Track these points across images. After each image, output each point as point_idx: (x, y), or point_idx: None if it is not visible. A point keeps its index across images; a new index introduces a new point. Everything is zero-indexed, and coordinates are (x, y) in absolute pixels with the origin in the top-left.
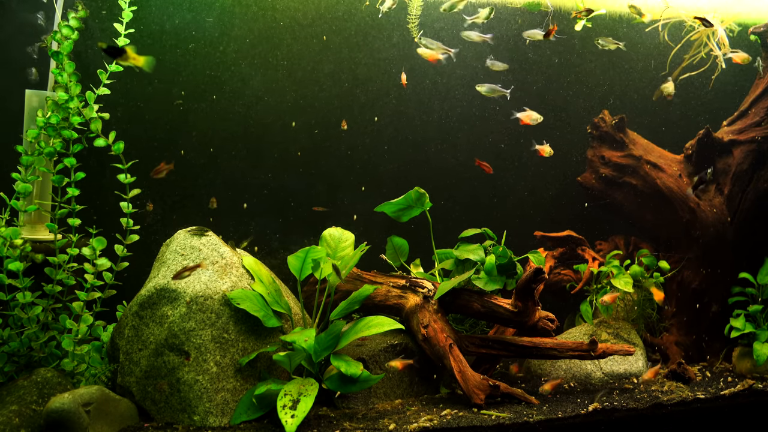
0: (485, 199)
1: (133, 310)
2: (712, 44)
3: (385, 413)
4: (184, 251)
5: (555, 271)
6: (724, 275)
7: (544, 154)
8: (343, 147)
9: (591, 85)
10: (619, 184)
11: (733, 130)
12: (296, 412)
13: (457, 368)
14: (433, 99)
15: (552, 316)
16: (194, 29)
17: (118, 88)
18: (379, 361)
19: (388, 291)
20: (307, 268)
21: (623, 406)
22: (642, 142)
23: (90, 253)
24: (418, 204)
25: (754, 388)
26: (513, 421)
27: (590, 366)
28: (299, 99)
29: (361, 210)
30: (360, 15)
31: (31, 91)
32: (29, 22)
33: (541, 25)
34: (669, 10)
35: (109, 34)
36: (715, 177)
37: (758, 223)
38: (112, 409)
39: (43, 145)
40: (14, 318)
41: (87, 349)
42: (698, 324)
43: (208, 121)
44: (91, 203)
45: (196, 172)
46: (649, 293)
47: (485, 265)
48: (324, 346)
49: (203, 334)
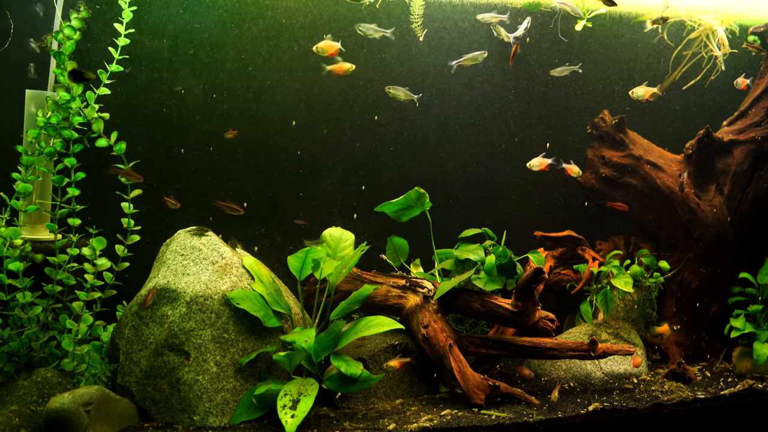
0: (485, 199)
1: (133, 310)
2: (711, 44)
3: (385, 413)
4: (184, 251)
5: (555, 271)
6: (724, 275)
7: (572, 173)
8: (343, 146)
9: (591, 85)
10: (619, 184)
11: (733, 130)
12: (296, 412)
13: (457, 368)
14: (433, 99)
15: (552, 316)
16: (194, 29)
17: (118, 87)
18: (379, 361)
19: (388, 291)
20: (307, 268)
21: (623, 406)
22: (642, 142)
23: (90, 253)
24: (418, 204)
25: (754, 388)
26: (513, 421)
27: (590, 366)
28: (299, 98)
29: (361, 210)
30: (360, 15)
31: (31, 91)
32: (29, 21)
33: (541, 25)
34: (669, 10)
35: (109, 34)
36: (715, 177)
37: (758, 223)
38: (112, 409)
39: (43, 145)
40: (14, 318)
41: (87, 349)
42: (698, 324)
43: (208, 120)
44: (92, 203)
45: (196, 171)
46: (649, 293)
47: (485, 265)
48: (324, 346)
49: (203, 334)
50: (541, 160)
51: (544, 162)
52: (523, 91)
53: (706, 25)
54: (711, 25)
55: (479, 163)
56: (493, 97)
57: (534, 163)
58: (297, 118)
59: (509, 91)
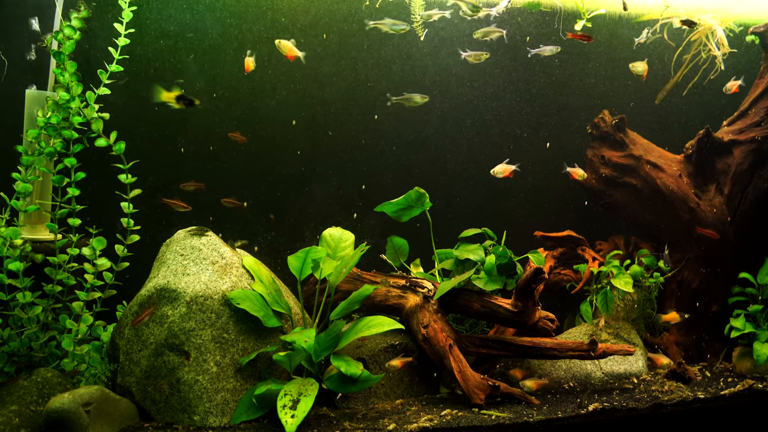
0: (485, 199)
1: (133, 310)
2: (711, 44)
3: (385, 413)
4: (184, 251)
5: (555, 271)
6: (724, 275)
7: (577, 177)
8: (343, 146)
9: (591, 84)
10: (619, 184)
11: (733, 130)
12: (296, 412)
13: (457, 368)
14: (433, 99)
15: (552, 316)
16: (194, 29)
17: (117, 87)
18: (379, 361)
19: (388, 291)
20: (307, 268)
21: (623, 406)
22: (642, 142)
23: (90, 253)
24: (418, 204)
25: (754, 388)
26: (513, 421)
27: (590, 366)
28: (299, 97)
29: (361, 210)
30: (360, 15)
31: (32, 91)
32: (28, 20)
33: (541, 25)
34: (669, 9)
35: (110, 34)
36: (715, 177)
37: (758, 223)
38: (112, 409)
39: (43, 145)
40: (14, 318)
41: (87, 349)
42: (698, 324)
43: (207, 119)
44: (92, 203)
45: (195, 171)
46: (649, 293)
47: (485, 265)
48: (324, 346)
49: (203, 334)
50: (505, 167)
51: (508, 168)
52: (523, 91)
53: (706, 25)
54: (710, 25)
55: (479, 163)
56: (493, 97)
57: (498, 170)
58: (297, 118)
59: (509, 91)
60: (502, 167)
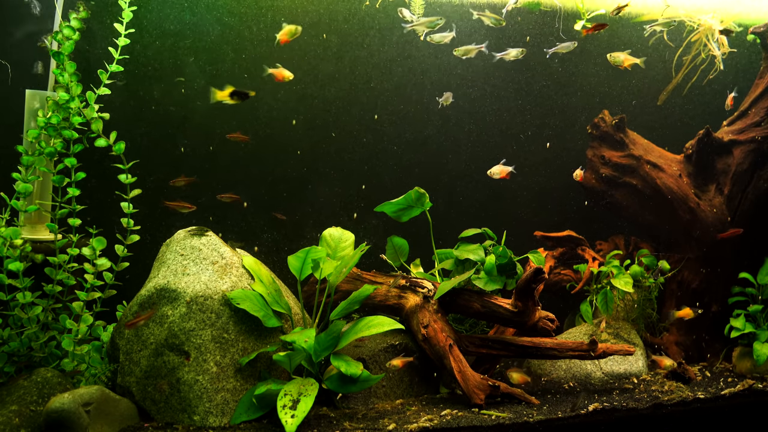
0: (485, 199)
1: (133, 310)
2: (711, 44)
3: (385, 413)
4: (184, 251)
5: (555, 271)
6: (724, 275)
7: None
8: (343, 146)
9: (591, 85)
10: (619, 184)
11: (733, 130)
12: (296, 412)
13: (457, 368)
14: (434, 99)
15: (552, 316)
16: (194, 30)
17: (117, 87)
18: (379, 361)
19: (388, 291)
20: (307, 268)
21: (623, 406)
22: (642, 142)
23: (90, 253)
24: (418, 204)
25: (754, 388)
26: (513, 421)
27: (590, 366)
28: (299, 97)
29: (361, 210)
30: (360, 15)
31: (32, 91)
32: (29, 20)
33: (541, 25)
34: (669, 9)
35: (110, 34)
36: (715, 177)
37: (758, 223)
38: (112, 409)
39: (43, 145)
40: (14, 318)
41: (87, 349)
42: (698, 324)
43: (207, 119)
44: (92, 203)
45: (196, 171)
46: (649, 293)
47: (485, 265)
48: (324, 346)
49: (203, 334)
50: (502, 168)
51: (505, 169)
52: (524, 91)
53: (706, 25)
54: (710, 25)
55: (479, 163)
56: (493, 97)
57: (495, 171)
58: (297, 118)
59: (509, 91)
60: (499, 168)
